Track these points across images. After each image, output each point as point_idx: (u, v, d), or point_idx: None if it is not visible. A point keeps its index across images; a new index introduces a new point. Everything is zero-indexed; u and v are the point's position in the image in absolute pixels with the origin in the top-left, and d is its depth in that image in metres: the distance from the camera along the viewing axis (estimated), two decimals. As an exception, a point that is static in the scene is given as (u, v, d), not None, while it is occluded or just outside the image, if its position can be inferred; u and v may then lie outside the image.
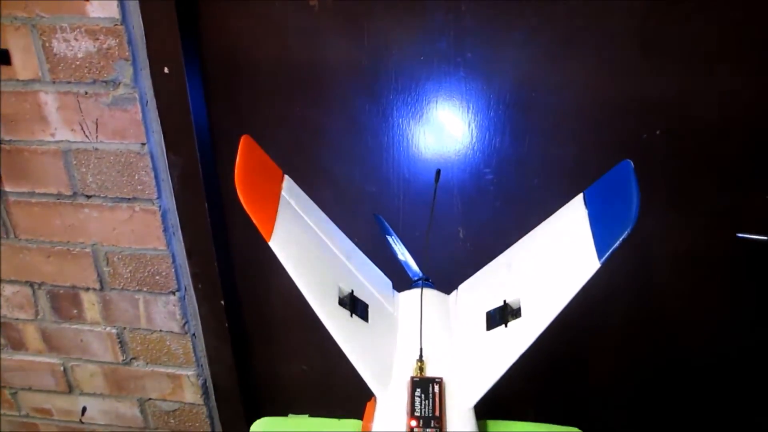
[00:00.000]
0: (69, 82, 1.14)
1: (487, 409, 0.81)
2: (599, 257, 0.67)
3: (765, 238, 1.13)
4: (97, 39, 1.09)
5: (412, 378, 0.75)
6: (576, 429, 0.83)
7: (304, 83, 1.16)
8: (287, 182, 0.84)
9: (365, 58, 1.12)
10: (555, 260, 0.76)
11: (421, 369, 0.77)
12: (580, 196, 0.79)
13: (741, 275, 1.22)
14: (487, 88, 1.11)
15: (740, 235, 1.14)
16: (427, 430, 0.69)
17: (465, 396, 0.74)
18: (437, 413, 0.71)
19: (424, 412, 0.71)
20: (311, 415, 0.90)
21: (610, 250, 0.66)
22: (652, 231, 1.20)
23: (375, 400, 0.76)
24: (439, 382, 0.74)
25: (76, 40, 1.09)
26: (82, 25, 1.09)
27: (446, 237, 1.27)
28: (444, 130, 1.16)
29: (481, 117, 1.14)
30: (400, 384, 0.75)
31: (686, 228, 1.19)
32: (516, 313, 0.76)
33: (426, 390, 0.73)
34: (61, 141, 1.20)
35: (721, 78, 1.05)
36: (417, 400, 0.72)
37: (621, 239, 0.65)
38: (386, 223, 1.02)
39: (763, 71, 1.03)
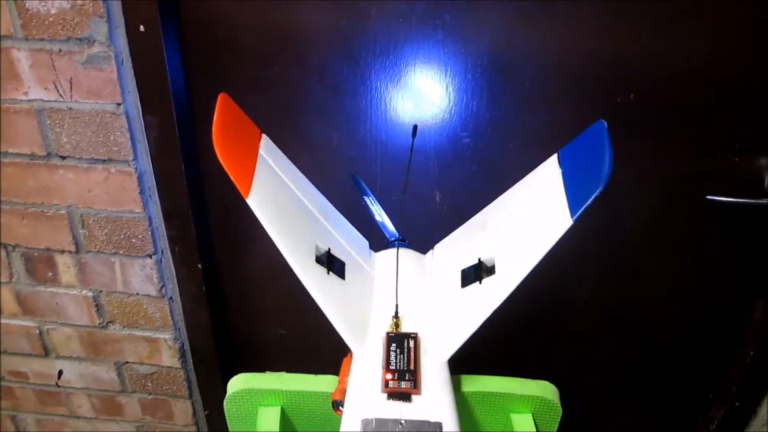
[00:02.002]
0: (42, 39, 1.11)
1: (461, 368, 0.83)
2: (572, 215, 0.69)
3: (734, 200, 1.16)
4: (71, -6, 1.07)
5: (388, 333, 0.76)
6: (548, 382, 0.86)
7: (282, 44, 1.15)
8: (265, 141, 0.84)
9: (344, 18, 1.11)
10: (529, 218, 0.78)
11: (397, 325, 0.78)
12: (555, 155, 0.80)
13: (711, 239, 1.25)
14: (464, 50, 1.11)
15: (710, 197, 1.17)
16: (402, 383, 0.71)
17: (439, 350, 0.75)
18: (412, 367, 0.72)
19: (399, 365, 0.72)
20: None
21: (582, 208, 0.68)
22: (624, 194, 1.22)
23: (351, 356, 0.77)
24: (414, 337, 0.75)
25: (49, -5, 1.07)
26: (55, -21, 1.06)
27: (423, 201, 1.27)
28: (422, 93, 1.16)
29: (459, 80, 1.14)
30: (376, 339, 0.77)
31: (657, 192, 1.21)
32: (490, 270, 0.77)
33: (401, 345, 0.75)
34: (35, 100, 1.18)
35: (696, 42, 1.06)
36: (392, 354, 0.73)
37: (593, 197, 0.66)
38: (364, 184, 1.03)
39: (738, 35, 1.05)
